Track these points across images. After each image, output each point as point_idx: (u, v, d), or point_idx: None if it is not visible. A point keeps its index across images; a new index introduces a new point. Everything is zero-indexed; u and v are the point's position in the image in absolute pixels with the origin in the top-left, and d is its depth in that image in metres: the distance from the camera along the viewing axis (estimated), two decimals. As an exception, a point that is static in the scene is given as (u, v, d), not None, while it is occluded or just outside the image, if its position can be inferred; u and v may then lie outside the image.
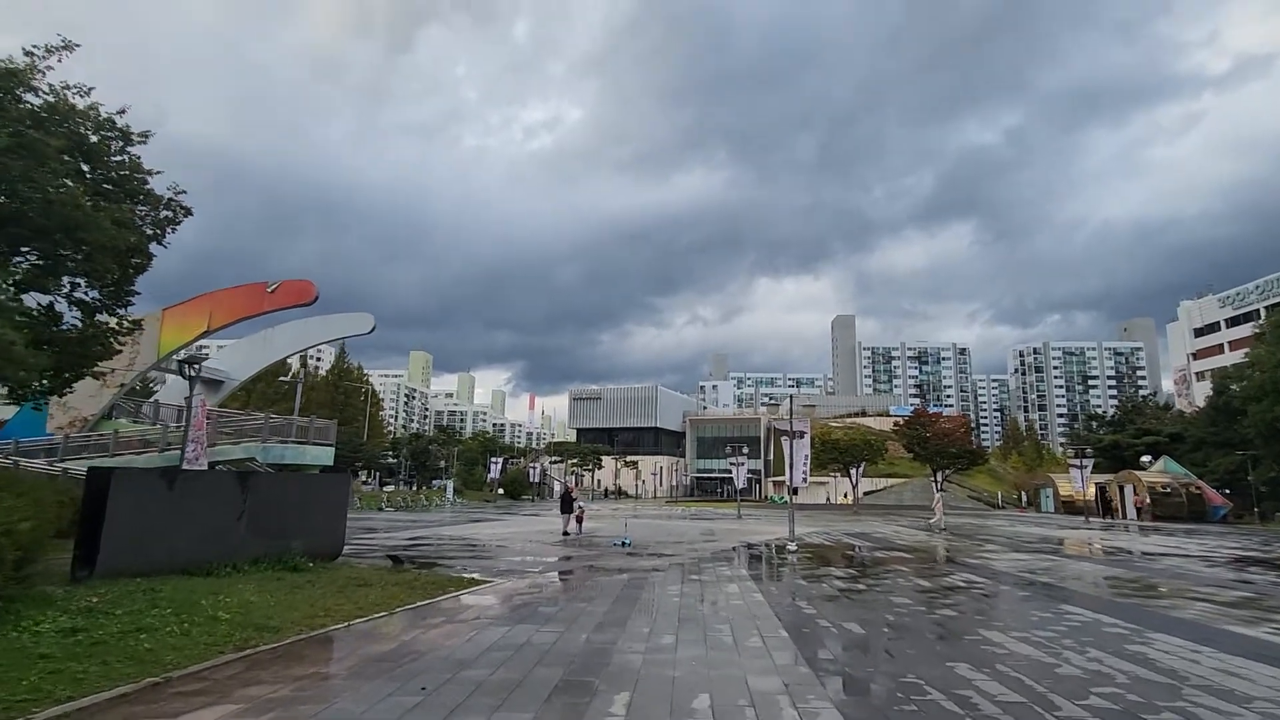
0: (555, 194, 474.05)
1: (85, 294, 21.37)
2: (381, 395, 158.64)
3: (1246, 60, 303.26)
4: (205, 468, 18.28)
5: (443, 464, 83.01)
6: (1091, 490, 47.16)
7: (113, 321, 21.48)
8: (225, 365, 36.64)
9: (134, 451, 28.38)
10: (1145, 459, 51.43)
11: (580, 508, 23.91)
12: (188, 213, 21.93)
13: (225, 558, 11.06)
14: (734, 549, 20.33)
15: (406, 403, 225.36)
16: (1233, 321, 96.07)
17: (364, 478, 73.62)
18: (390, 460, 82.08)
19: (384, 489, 69.09)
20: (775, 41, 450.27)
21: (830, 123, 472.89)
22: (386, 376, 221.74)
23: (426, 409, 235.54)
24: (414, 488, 71.57)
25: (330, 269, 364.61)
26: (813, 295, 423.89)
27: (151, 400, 37.25)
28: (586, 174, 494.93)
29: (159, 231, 21.83)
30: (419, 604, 9.88)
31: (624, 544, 20.62)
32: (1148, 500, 44.29)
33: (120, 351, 25.29)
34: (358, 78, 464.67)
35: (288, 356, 44.18)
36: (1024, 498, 70.94)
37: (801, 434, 21.31)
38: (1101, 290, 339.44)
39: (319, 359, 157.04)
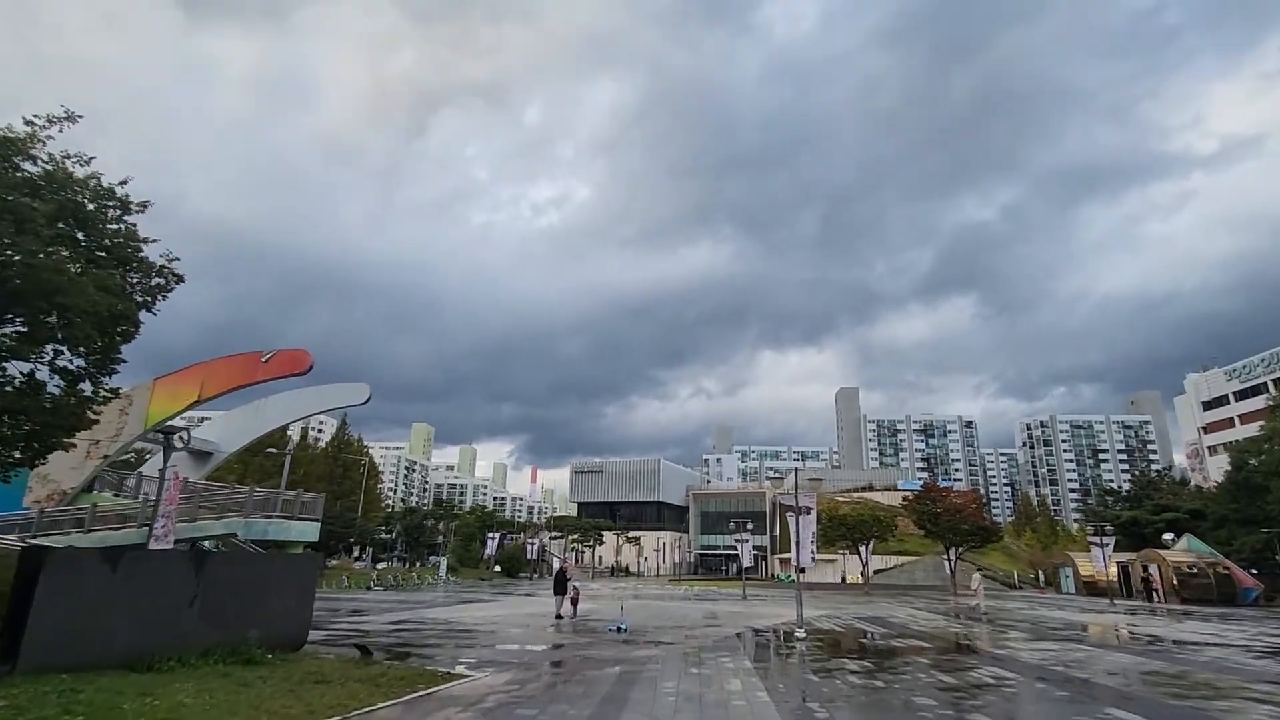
0: (562, 269, 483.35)
1: (70, 362, 20.97)
2: (381, 468, 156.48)
3: (1234, 142, 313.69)
4: (171, 545, 17.21)
5: (440, 539, 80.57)
6: (1113, 570, 45.04)
7: (90, 390, 21.00)
8: (216, 436, 35.81)
9: (111, 527, 27.29)
10: (1167, 537, 49.35)
11: (575, 589, 22.52)
12: (179, 280, 21.67)
13: (172, 649, 9.97)
14: (738, 635, 18.88)
15: (406, 476, 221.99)
16: (1241, 395, 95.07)
17: (357, 554, 71.18)
18: (385, 536, 79.72)
19: (378, 566, 66.61)
20: (777, 125, 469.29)
21: (832, 200, 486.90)
22: (387, 449, 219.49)
23: (427, 482, 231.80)
24: (408, 565, 69.05)
25: (338, 342, 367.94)
26: (817, 368, 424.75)
27: (136, 473, 36.19)
28: (593, 249, 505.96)
29: (149, 299, 21.61)
30: (380, 706, 8.75)
31: (620, 629, 19.20)
32: (1175, 581, 42.14)
33: (97, 422, 24.68)
34: (372, 160, 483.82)
35: (282, 427, 43.34)
36: (1042, 577, 68.03)
37: (808, 510, 20.19)
38: (1106, 363, 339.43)
39: (320, 430, 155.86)
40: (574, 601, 22.16)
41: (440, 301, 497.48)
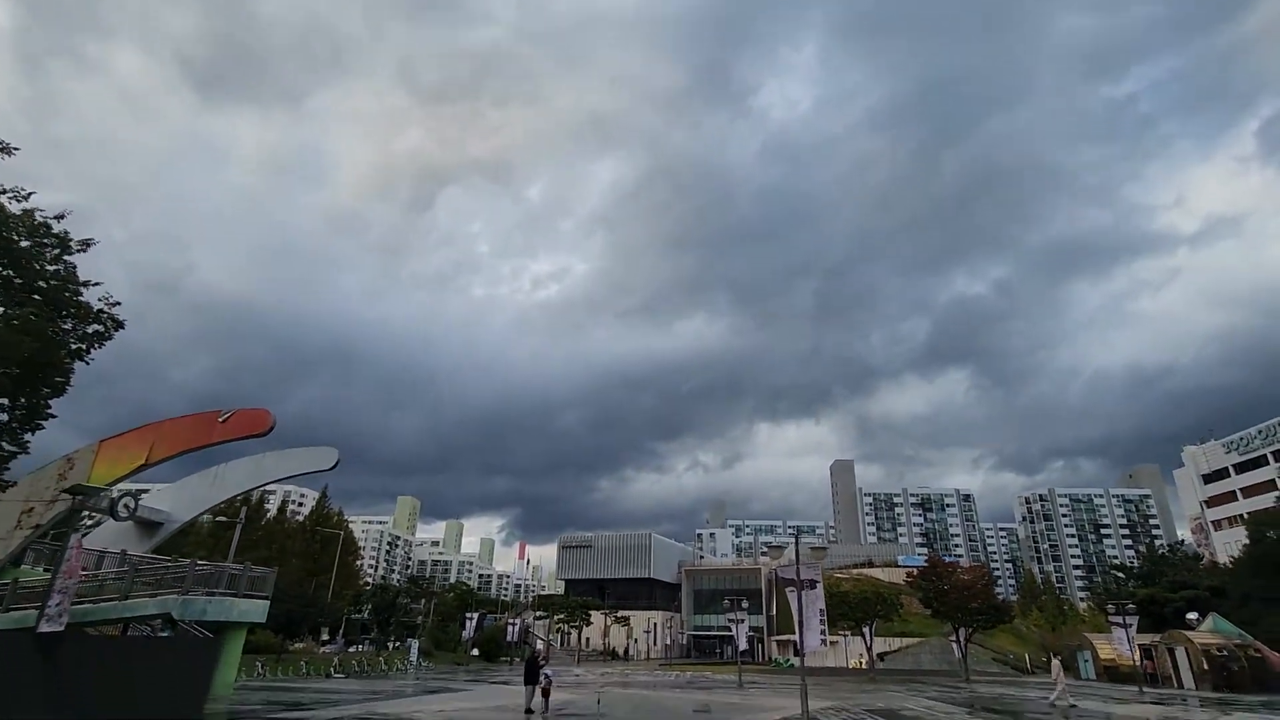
0: (560, 341, 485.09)
1: (-6, 417, 18.94)
2: (363, 543, 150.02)
3: (1215, 220, 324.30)
4: (63, 627, 14.67)
5: (419, 620, 75.66)
6: (1137, 654, 41.81)
7: (10, 446, 18.82)
8: (168, 505, 33.09)
9: (35, 606, 24.38)
10: (1191, 616, 46.28)
11: (547, 678, 19.78)
12: (119, 326, 19.85)
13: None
14: (734, 736, 16.20)
15: (389, 552, 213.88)
16: (1241, 467, 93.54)
17: (326, 636, 66.31)
18: (357, 616, 74.81)
19: (349, 650, 61.83)
20: (773, 202, 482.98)
21: (826, 274, 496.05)
22: (370, 523, 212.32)
23: (410, 558, 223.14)
24: (379, 648, 64.20)
25: (333, 415, 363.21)
26: (814, 440, 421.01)
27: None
28: (591, 322, 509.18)
29: (84, 347, 19.71)
30: None
31: (596, 728, 16.51)
32: (1204, 666, 38.95)
33: (11, 484, 22.32)
34: (376, 234, 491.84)
35: (242, 494, 40.61)
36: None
37: (813, 583, 17.83)
38: (1104, 436, 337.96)
39: (300, 504, 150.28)
40: (545, 693, 19.39)
41: (437, 374, 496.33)
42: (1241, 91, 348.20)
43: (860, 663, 63.42)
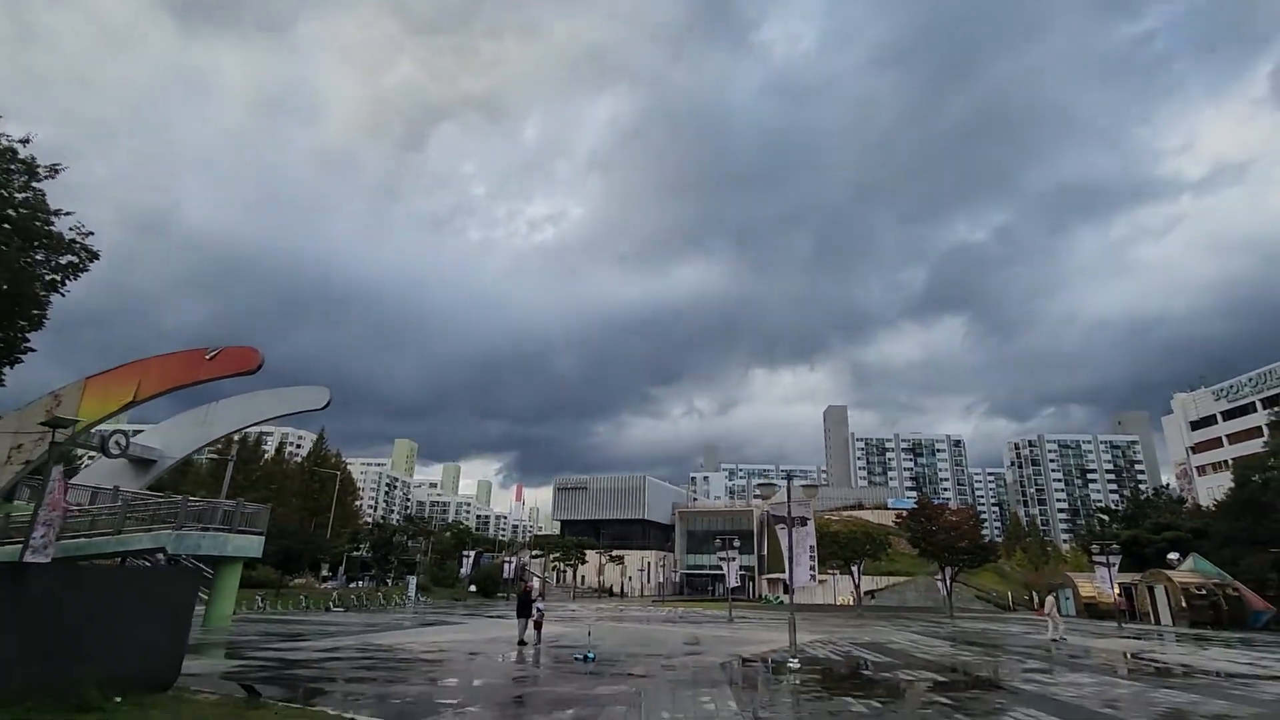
0: (556, 286, 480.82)
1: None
2: (361, 485, 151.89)
3: (1223, 166, 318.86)
4: (50, 559, 14.59)
5: (419, 558, 77.18)
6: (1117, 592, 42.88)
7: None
8: (159, 443, 32.98)
9: (12, 542, 24.68)
10: (1172, 557, 47.31)
11: (539, 611, 20.03)
12: (94, 257, 19.21)
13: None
14: (722, 665, 16.45)
15: (388, 493, 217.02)
16: (1229, 414, 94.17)
17: (326, 573, 67.70)
18: (358, 554, 76.23)
19: (351, 586, 63.20)
20: (773, 144, 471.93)
21: (826, 220, 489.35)
22: (369, 465, 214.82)
23: (409, 499, 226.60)
24: (378, 584, 65.64)
25: (329, 358, 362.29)
26: (809, 387, 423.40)
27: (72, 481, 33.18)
28: (588, 266, 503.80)
29: (59, 279, 19.10)
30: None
31: (587, 658, 16.72)
32: (1182, 604, 40.03)
33: None
34: (369, 174, 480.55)
35: (234, 432, 40.55)
36: (1036, 599, 65.88)
37: (804, 521, 17.85)
38: (1096, 384, 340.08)
39: (298, 445, 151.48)
40: (537, 625, 19.66)
41: (433, 317, 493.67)
42: (1259, 31, 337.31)
43: (849, 600, 65.19)
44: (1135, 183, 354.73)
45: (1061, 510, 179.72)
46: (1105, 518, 74.08)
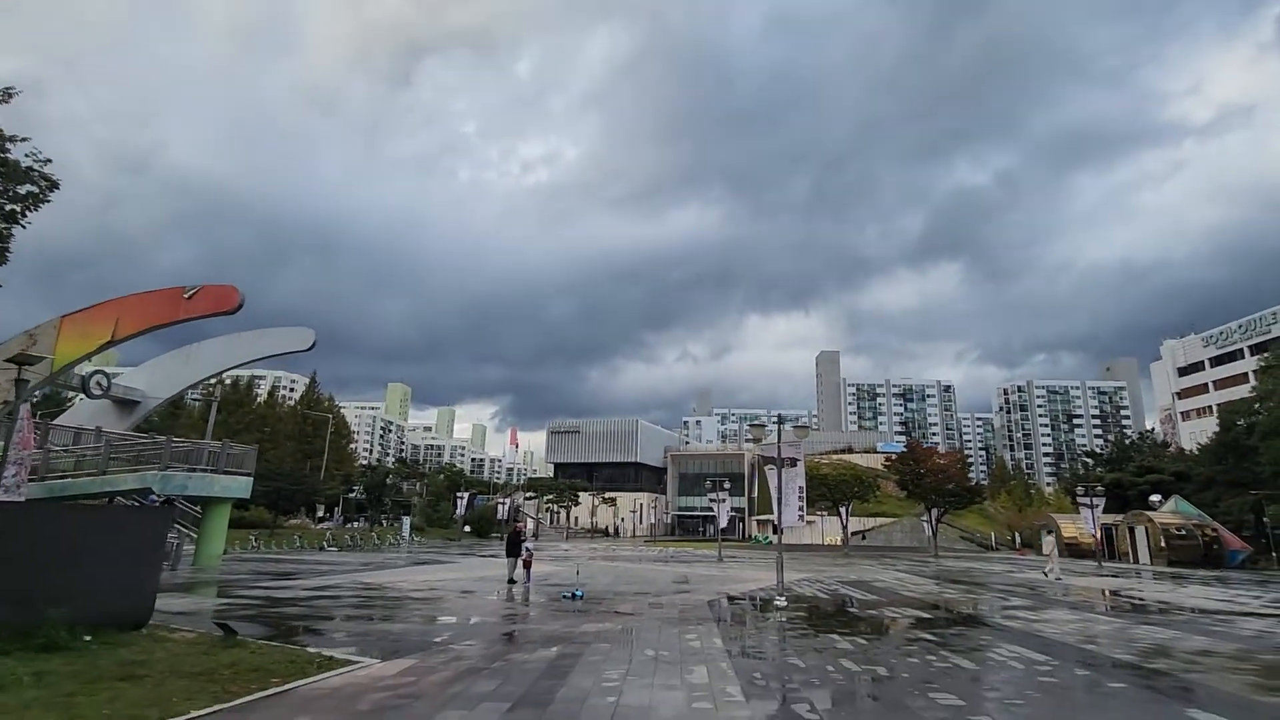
0: (550, 228, 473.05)
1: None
2: (356, 429, 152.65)
3: (1229, 110, 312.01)
4: (22, 498, 14.33)
5: (414, 499, 78.08)
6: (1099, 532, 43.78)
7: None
8: (142, 383, 32.47)
9: None
10: (1154, 499, 48.23)
11: (529, 550, 20.06)
12: (54, 186, 18.29)
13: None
14: (709, 603, 16.56)
15: (382, 436, 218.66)
16: (1216, 360, 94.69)
17: (322, 514, 68.45)
18: (352, 495, 77.01)
19: (347, 527, 64.03)
20: (773, 83, 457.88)
21: (824, 162, 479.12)
22: (363, 409, 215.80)
23: (403, 443, 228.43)
24: (373, 524, 66.51)
25: (318, 301, 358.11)
26: (803, 333, 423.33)
27: (55, 422, 32.81)
28: (582, 209, 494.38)
29: (19, 210, 18.23)
30: (195, 715, 6.11)
31: (575, 596, 16.81)
32: (1162, 543, 40.94)
33: None
34: (354, 111, 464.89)
35: (220, 373, 40.06)
36: (1019, 539, 67.50)
37: (793, 462, 17.75)
38: (1088, 331, 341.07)
39: (291, 389, 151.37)
40: (526, 564, 19.73)
41: (424, 260, 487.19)
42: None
43: (836, 540, 66.56)
44: (1140, 126, 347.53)
45: (1047, 455, 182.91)
46: (1090, 461, 75.32)
